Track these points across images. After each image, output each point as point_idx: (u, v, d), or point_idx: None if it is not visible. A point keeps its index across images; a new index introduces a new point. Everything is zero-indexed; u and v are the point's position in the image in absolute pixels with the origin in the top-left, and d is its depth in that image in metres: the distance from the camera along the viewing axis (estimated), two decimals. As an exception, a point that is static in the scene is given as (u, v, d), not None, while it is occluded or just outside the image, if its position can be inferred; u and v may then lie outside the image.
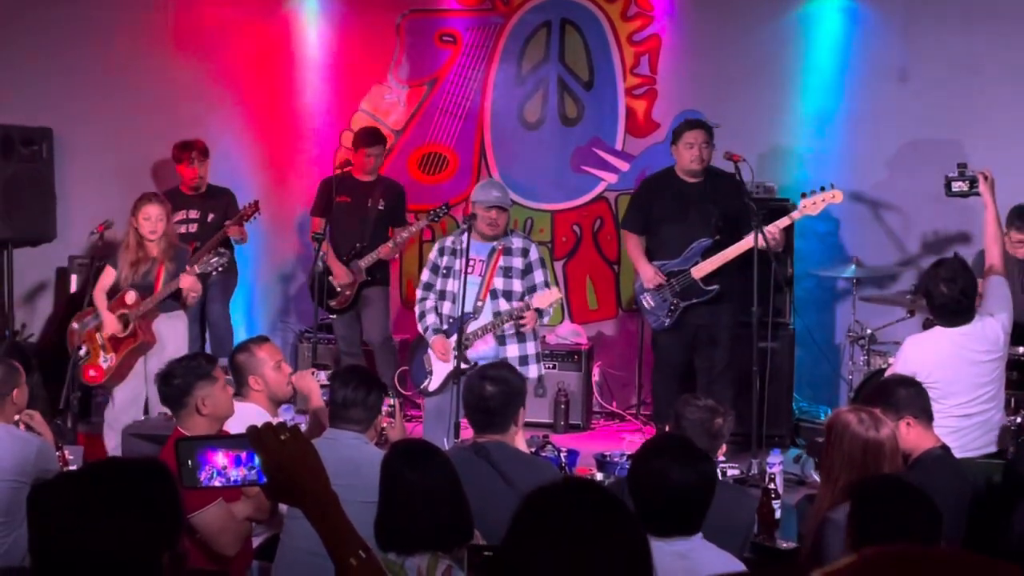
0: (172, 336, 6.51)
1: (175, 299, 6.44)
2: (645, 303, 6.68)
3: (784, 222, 6.41)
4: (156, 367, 6.27)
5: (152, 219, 6.40)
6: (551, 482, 2.01)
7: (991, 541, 4.42)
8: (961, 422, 4.67)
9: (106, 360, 6.44)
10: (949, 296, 4.96)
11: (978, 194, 5.52)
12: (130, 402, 6.46)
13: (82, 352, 6.40)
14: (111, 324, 6.40)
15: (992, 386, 5.01)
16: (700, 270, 6.50)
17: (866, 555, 0.83)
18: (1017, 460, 5.03)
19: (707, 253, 6.52)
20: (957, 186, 5.59)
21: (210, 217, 7.57)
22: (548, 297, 5.89)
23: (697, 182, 6.64)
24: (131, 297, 6.40)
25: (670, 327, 6.63)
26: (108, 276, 6.52)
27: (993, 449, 5.00)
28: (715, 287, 6.51)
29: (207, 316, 7.70)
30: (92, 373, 6.46)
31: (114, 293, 6.47)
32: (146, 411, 6.38)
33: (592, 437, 7.45)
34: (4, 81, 8.42)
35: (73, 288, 7.99)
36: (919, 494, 3.23)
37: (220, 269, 6.46)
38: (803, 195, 6.42)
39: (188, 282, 6.33)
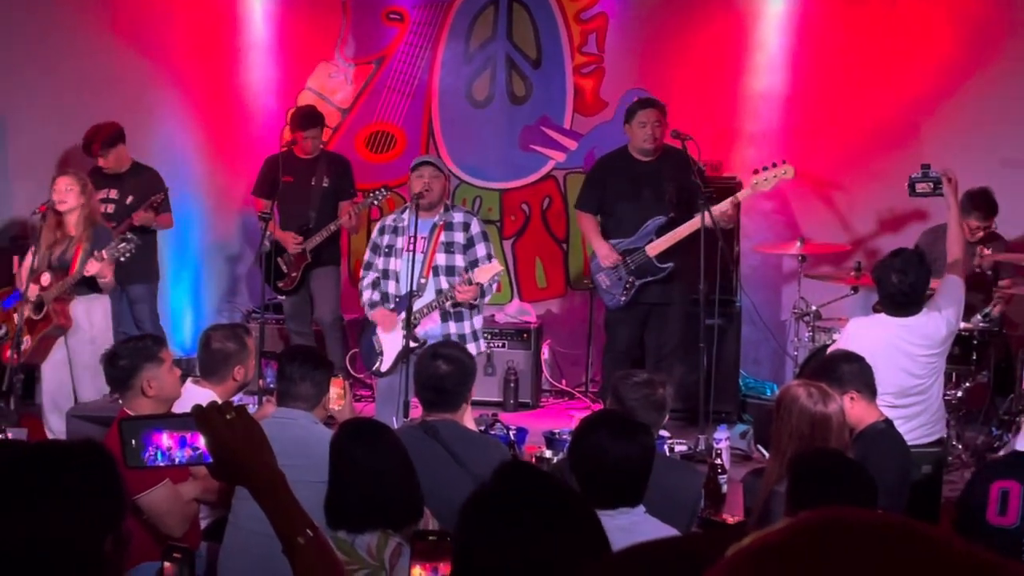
0: (90, 319, 6.29)
1: (89, 286, 6.20)
2: (601, 282, 6.69)
3: (738, 197, 6.45)
4: (78, 350, 6.22)
5: (60, 190, 6.15)
6: (498, 475, 2.01)
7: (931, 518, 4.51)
8: (890, 411, 4.72)
9: (23, 342, 6.17)
10: (898, 287, 5.00)
11: (942, 195, 5.57)
12: (57, 385, 6.29)
13: (2, 332, 6.21)
14: (26, 306, 6.16)
15: (925, 380, 5.04)
16: (655, 248, 6.52)
17: (801, 518, 0.84)
18: (969, 495, 4.91)
19: (661, 231, 6.53)
20: (921, 187, 5.62)
21: (129, 199, 7.26)
22: (489, 271, 5.83)
23: (650, 160, 6.65)
24: (46, 278, 6.18)
25: (625, 305, 6.65)
26: (30, 256, 6.28)
27: (926, 440, 5.05)
28: (670, 265, 6.53)
29: (133, 317, 7.41)
30: (10, 354, 6.17)
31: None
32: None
33: (541, 415, 7.48)
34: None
35: (15, 268, 7.85)
36: (854, 467, 3.29)
37: (128, 255, 6.12)
38: (755, 171, 6.46)
39: (94, 268, 6.05)
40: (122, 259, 6.10)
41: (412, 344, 5.69)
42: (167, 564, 2.39)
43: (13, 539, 1.82)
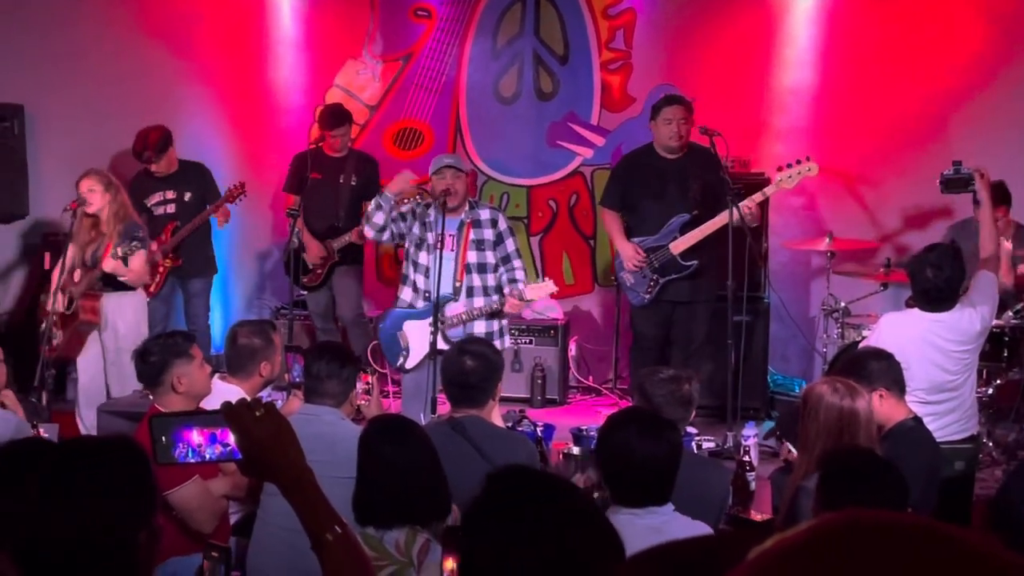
0: (121, 314, 6.34)
1: (116, 284, 6.25)
2: (625, 280, 6.68)
3: (760, 196, 6.43)
4: (108, 346, 6.27)
5: (83, 192, 6.20)
6: (496, 477, 2.00)
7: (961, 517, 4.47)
8: (922, 407, 4.69)
9: (55, 337, 6.29)
10: (933, 282, 4.96)
11: (974, 191, 5.53)
12: (91, 380, 6.36)
13: (42, 327, 6.27)
14: (57, 301, 6.25)
15: (958, 376, 5.00)
16: (678, 246, 6.51)
17: (822, 519, 0.84)
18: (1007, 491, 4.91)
19: (685, 228, 6.51)
20: (953, 184, 5.59)
21: (187, 196, 7.35)
22: (542, 289, 5.82)
23: (676, 158, 6.63)
24: (77, 275, 6.26)
25: (650, 303, 6.64)
26: (68, 255, 6.34)
27: (959, 436, 5.01)
28: (694, 262, 6.51)
29: (187, 311, 7.50)
30: (45, 348, 6.23)
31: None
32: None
33: (569, 411, 7.48)
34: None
35: (46, 265, 7.91)
36: (886, 465, 3.27)
37: (131, 253, 6.17)
38: (779, 169, 6.44)
39: (108, 265, 6.11)
40: (129, 258, 6.09)
41: (443, 346, 5.66)
42: (206, 562, 2.43)
43: (50, 533, 1.85)
